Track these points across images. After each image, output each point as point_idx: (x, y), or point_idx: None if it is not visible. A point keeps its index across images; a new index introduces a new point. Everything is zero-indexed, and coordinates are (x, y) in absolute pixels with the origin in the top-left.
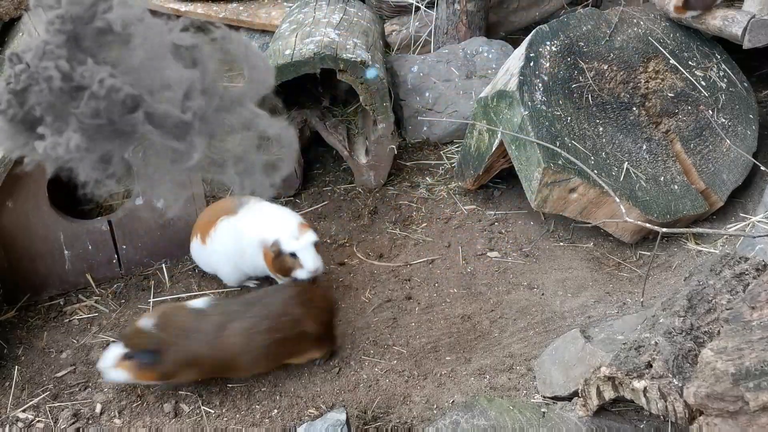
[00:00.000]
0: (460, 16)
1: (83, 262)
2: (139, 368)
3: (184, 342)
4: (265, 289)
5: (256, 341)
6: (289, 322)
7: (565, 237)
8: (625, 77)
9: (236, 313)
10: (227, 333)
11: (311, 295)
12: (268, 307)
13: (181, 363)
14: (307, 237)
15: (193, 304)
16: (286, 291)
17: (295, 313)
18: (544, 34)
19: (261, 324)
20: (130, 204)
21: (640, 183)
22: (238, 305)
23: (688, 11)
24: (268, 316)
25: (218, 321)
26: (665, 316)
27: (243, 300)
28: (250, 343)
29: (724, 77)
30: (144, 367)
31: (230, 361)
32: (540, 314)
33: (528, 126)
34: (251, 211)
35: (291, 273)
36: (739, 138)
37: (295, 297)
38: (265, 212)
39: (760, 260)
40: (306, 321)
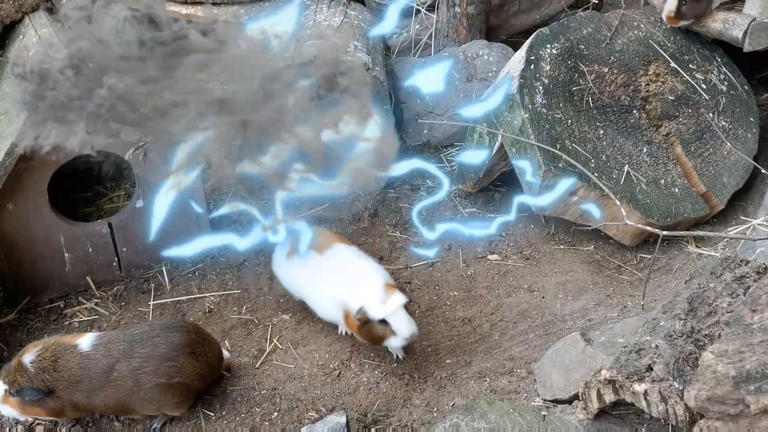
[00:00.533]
0: (460, 19)
1: (83, 264)
2: (27, 405)
3: (72, 389)
4: (152, 325)
5: (144, 382)
6: (173, 369)
7: (565, 240)
8: (626, 80)
9: (122, 353)
10: (115, 376)
11: (204, 349)
12: (155, 348)
13: (70, 407)
14: (395, 300)
15: (79, 345)
16: (176, 335)
17: (181, 362)
18: (545, 37)
19: (147, 365)
20: (130, 206)
21: (641, 186)
22: (124, 342)
23: (681, 21)
24: (153, 356)
25: (105, 364)
26: (666, 319)
27: (129, 336)
28: (139, 384)
29: (724, 80)
30: (32, 404)
31: (124, 402)
32: (540, 317)
33: (528, 129)
34: (334, 262)
35: (383, 341)
36: (740, 141)
37: (185, 345)
38: (348, 265)
39: (760, 263)
40: (191, 374)
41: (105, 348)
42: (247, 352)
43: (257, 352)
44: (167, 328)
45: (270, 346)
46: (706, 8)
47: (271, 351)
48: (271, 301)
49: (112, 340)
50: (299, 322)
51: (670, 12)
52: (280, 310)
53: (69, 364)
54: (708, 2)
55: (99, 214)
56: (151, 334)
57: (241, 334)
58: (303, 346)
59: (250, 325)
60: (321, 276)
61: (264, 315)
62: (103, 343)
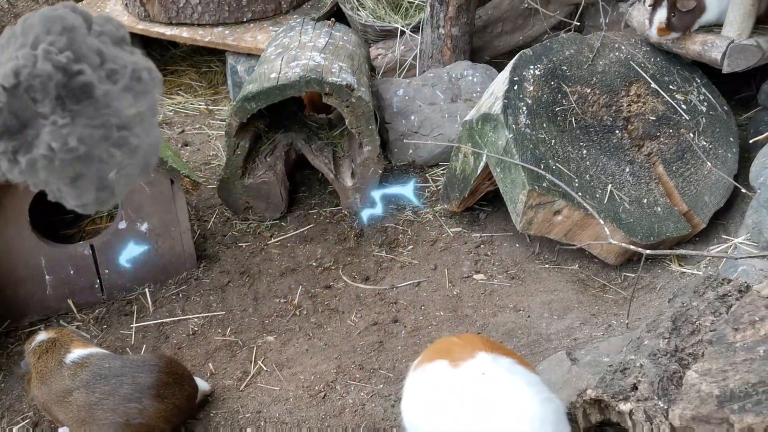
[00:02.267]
0: (444, 40)
1: (65, 287)
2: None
3: (37, 386)
4: (124, 361)
5: (98, 417)
6: (134, 410)
7: (550, 259)
8: (608, 101)
9: (83, 383)
10: (70, 400)
11: (172, 391)
12: (118, 387)
13: (38, 402)
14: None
15: (68, 354)
16: (144, 375)
17: (144, 404)
18: (528, 58)
19: (106, 402)
20: (113, 227)
21: (624, 205)
22: (90, 373)
23: (671, 33)
24: (114, 395)
25: (65, 386)
26: (650, 337)
27: (97, 368)
28: (93, 417)
29: (704, 101)
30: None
31: (77, 427)
32: (526, 337)
33: (513, 149)
34: (475, 383)
35: None
36: (720, 161)
37: (152, 387)
38: (495, 392)
39: (742, 282)
40: (154, 416)
41: (75, 369)
42: (231, 374)
43: (241, 375)
44: (139, 366)
45: (254, 368)
46: (693, 21)
47: (255, 373)
48: (255, 322)
49: (86, 364)
50: (284, 343)
51: (661, 24)
52: (264, 331)
53: (47, 364)
54: (694, 16)
55: (81, 235)
56: (119, 372)
57: (225, 356)
58: (288, 367)
59: (235, 347)
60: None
61: (248, 336)
62: (79, 363)
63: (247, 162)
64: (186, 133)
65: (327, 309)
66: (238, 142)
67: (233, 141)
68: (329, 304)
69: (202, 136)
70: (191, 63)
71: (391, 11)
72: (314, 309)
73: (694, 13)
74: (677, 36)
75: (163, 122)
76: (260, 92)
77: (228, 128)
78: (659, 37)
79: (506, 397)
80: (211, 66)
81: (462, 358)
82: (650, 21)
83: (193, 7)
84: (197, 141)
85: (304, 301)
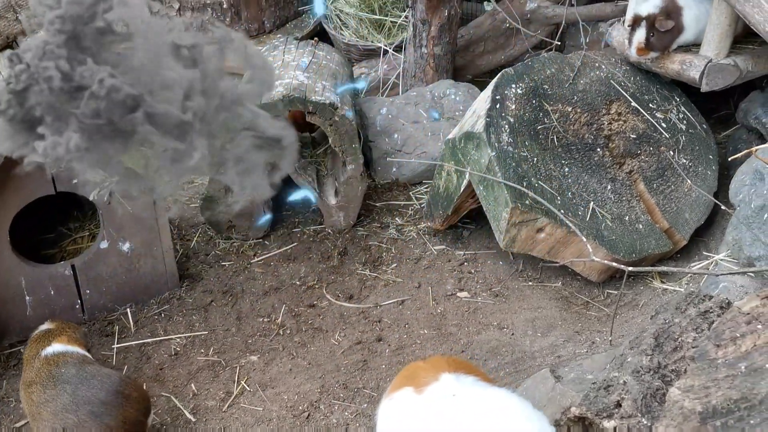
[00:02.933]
0: (427, 59)
1: (45, 307)
2: None
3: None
4: (80, 370)
5: (43, 417)
6: (71, 422)
7: (533, 276)
8: (589, 119)
9: (41, 379)
10: (30, 391)
11: (113, 411)
12: (61, 394)
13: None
14: None
15: (49, 347)
16: (88, 390)
17: (82, 418)
18: (510, 77)
19: (49, 405)
20: (94, 247)
21: (606, 222)
22: (48, 373)
23: (650, 52)
24: (56, 400)
25: (30, 377)
26: (633, 354)
27: (55, 370)
28: (39, 416)
29: (683, 119)
30: None
31: (30, 417)
32: (510, 354)
33: (495, 167)
34: (441, 406)
35: None
36: (700, 178)
37: (92, 404)
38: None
39: (723, 298)
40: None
41: (43, 364)
42: (213, 395)
43: (224, 395)
44: (86, 379)
45: (237, 388)
46: (672, 41)
47: (238, 394)
48: (238, 341)
49: (52, 361)
50: (267, 363)
51: (640, 44)
52: (248, 351)
53: (29, 352)
54: (672, 35)
55: (62, 255)
56: (66, 379)
57: (208, 376)
58: (271, 387)
59: (217, 367)
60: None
61: (231, 356)
62: (49, 359)
63: None
64: None
65: (311, 328)
66: None
67: None
68: (313, 323)
69: None
70: None
71: (374, 31)
72: (298, 328)
73: (672, 33)
74: (656, 55)
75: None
76: None
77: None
78: (639, 57)
79: (475, 415)
80: None
81: (426, 382)
82: (629, 41)
83: None
84: None
85: (288, 320)
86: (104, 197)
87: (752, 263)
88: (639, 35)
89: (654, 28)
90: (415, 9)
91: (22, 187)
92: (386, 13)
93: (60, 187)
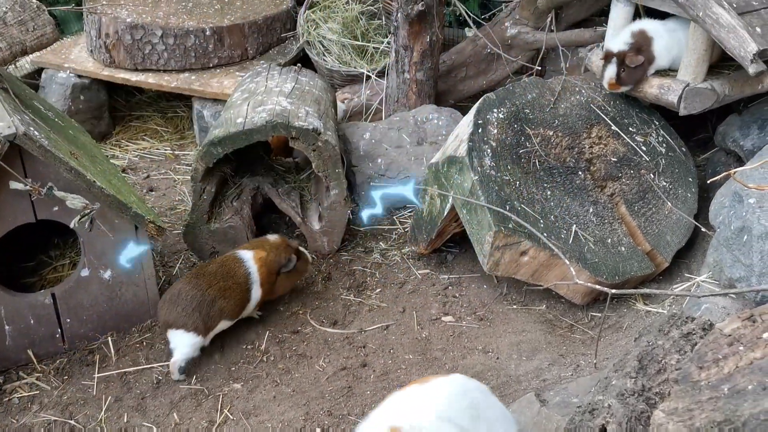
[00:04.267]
0: (410, 84)
1: (25, 337)
2: None
3: None
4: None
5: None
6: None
7: (518, 300)
8: (570, 143)
9: None
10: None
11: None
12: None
13: None
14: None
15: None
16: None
17: None
18: (492, 101)
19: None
20: (75, 275)
21: (589, 245)
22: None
23: (621, 87)
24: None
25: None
26: (617, 377)
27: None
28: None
29: (663, 142)
30: None
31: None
32: (495, 379)
33: (478, 190)
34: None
35: None
36: (680, 200)
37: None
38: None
39: (705, 320)
40: None
41: None
42: (196, 424)
43: (207, 424)
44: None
45: (221, 417)
46: (643, 74)
47: (221, 422)
48: (221, 369)
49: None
50: (251, 390)
51: (611, 79)
52: (231, 378)
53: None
54: (644, 69)
55: (42, 284)
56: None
57: (191, 405)
58: (255, 416)
59: (200, 395)
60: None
61: (215, 384)
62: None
63: (214, 206)
64: (151, 178)
65: (295, 354)
66: (204, 187)
67: (199, 186)
68: (297, 350)
69: (167, 181)
70: (157, 108)
71: (356, 57)
72: (282, 354)
73: (643, 66)
74: (627, 89)
75: (127, 168)
76: (226, 137)
77: (194, 173)
78: (611, 91)
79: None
80: (177, 111)
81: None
82: (602, 76)
83: (159, 54)
84: (163, 186)
85: (272, 346)
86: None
87: (733, 284)
88: (610, 71)
89: (624, 64)
90: (397, 35)
91: (2, 215)
92: (368, 40)
93: (41, 214)
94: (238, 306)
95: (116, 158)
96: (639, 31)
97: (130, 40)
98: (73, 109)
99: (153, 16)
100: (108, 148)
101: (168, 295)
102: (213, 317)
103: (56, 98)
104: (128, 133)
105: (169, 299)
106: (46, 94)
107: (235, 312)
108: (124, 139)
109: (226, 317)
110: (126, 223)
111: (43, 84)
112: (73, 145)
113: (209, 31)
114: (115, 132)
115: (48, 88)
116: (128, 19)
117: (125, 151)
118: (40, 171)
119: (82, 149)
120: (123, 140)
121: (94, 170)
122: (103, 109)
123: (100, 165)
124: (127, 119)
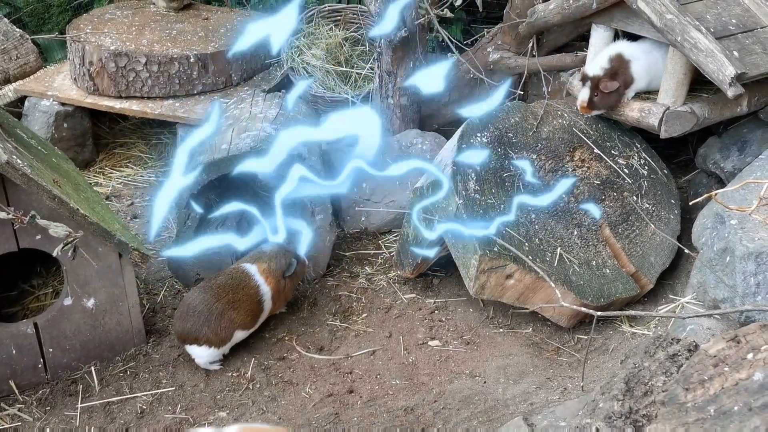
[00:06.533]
0: (394, 109)
1: (6, 368)
2: None
3: None
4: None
5: None
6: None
7: (504, 323)
8: (554, 166)
9: None
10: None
11: None
12: None
13: None
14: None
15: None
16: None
17: None
18: (475, 126)
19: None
20: (57, 304)
21: (574, 267)
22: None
23: (593, 111)
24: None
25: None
26: (604, 400)
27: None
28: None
29: (645, 165)
30: None
31: None
32: (483, 403)
33: (463, 214)
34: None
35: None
36: (663, 222)
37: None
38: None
39: (691, 341)
40: None
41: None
42: None
43: None
44: None
45: None
46: (617, 100)
47: None
48: (207, 397)
49: None
50: (237, 419)
51: (583, 102)
52: (216, 406)
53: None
54: (618, 95)
55: (24, 313)
56: None
57: None
58: None
59: (185, 424)
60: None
61: (200, 413)
62: None
63: (198, 233)
64: (135, 205)
65: (281, 381)
66: (188, 213)
67: (184, 212)
68: (283, 376)
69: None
70: (141, 135)
71: (340, 82)
72: (268, 381)
73: (618, 91)
74: (599, 113)
75: (111, 195)
76: (211, 163)
77: (179, 200)
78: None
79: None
80: (161, 138)
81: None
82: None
83: (143, 81)
84: (147, 213)
85: (257, 373)
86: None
87: (717, 305)
88: (583, 94)
89: (598, 88)
90: (381, 61)
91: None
92: (352, 65)
93: (23, 243)
94: (250, 317)
95: (100, 186)
96: (616, 56)
97: (114, 67)
98: (57, 137)
99: (137, 44)
100: (92, 176)
101: (178, 311)
102: (225, 329)
103: (39, 126)
104: (112, 161)
105: (179, 315)
106: (29, 122)
107: (247, 323)
108: (108, 166)
109: (240, 328)
110: (109, 251)
111: (26, 112)
112: (56, 173)
113: (193, 58)
114: (99, 159)
115: (31, 116)
116: (112, 47)
117: (109, 179)
118: (23, 199)
119: (66, 177)
120: (107, 167)
121: (77, 198)
122: (87, 137)
123: (83, 193)
124: (111, 146)
